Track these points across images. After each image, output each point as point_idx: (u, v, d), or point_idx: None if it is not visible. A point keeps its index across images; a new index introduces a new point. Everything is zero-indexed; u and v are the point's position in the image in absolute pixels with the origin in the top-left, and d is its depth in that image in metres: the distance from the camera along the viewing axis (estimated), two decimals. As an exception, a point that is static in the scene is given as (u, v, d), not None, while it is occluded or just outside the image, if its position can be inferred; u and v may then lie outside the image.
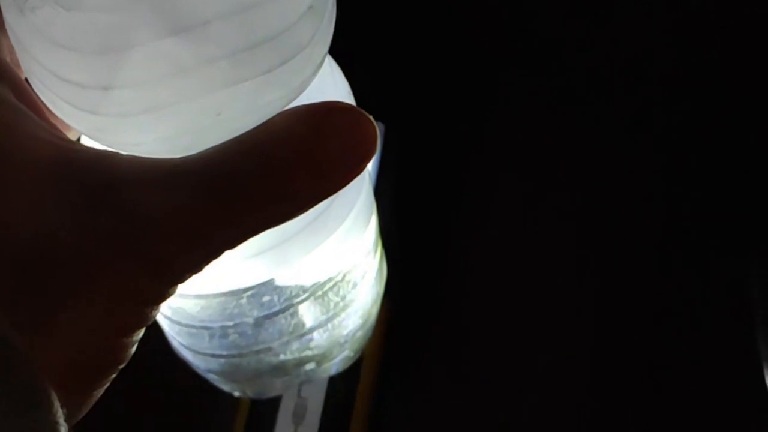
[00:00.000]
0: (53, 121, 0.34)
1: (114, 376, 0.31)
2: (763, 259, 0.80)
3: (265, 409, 0.75)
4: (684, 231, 0.84)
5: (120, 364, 0.31)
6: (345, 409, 0.76)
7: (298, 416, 0.75)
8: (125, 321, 0.30)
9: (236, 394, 0.58)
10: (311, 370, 0.53)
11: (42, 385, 0.28)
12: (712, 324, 0.81)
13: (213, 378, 0.54)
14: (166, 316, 0.47)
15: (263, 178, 0.29)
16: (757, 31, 0.89)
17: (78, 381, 0.30)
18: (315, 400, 0.75)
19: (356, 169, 0.30)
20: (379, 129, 0.77)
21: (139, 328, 0.30)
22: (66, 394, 0.29)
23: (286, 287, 0.45)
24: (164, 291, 0.30)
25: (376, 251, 0.51)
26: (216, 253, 0.30)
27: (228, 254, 0.30)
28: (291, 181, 0.29)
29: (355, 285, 0.49)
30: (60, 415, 0.28)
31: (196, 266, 0.30)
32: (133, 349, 0.31)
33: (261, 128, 0.30)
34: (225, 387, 0.56)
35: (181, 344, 0.49)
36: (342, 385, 0.76)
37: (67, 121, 0.31)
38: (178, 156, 0.29)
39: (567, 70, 0.92)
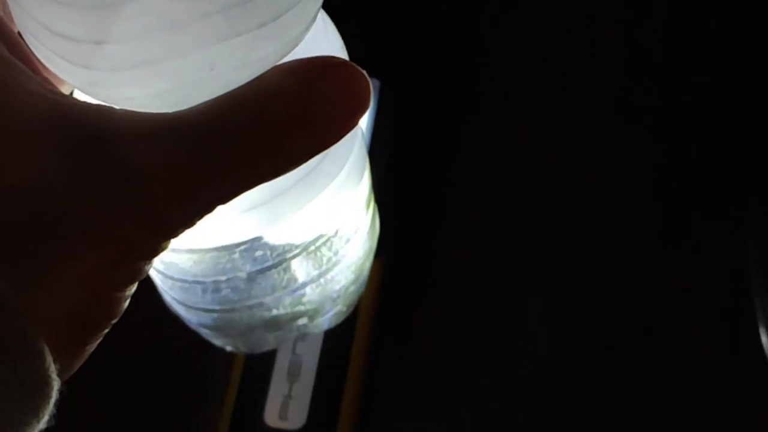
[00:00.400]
0: (46, 75, 0.34)
1: (107, 330, 0.31)
2: (760, 221, 0.80)
3: (259, 367, 0.75)
4: (680, 194, 0.84)
5: (113, 318, 0.31)
6: (340, 366, 0.76)
7: (293, 374, 0.75)
8: (118, 276, 0.30)
9: (228, 348, 0.58)
10: (304, 324, 0.53)
11: (34, 339, 0.28)
12: (708, 288, 0.81)
13: (205, 332, 0.54)
14: (158, 271, 0.47)
15: (256, 133, 0.29)
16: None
17: (71, 336, 0.30)
18: (310, 358, 0.75)
19: (349, 124, 0.30)
20: (374, 85, 0.77)
21: (132, 282, 0.31)
22: (58, 349, 0.29)
23: (279, 242, 0.45)
24: (157, 246, 0.30)
25: (368, 206, 0.51)
26: (209, 208, 0.30)
27: (220, 209, 0.30)
28: (283, 136, 0.29)
29: (347, 240, 0.49)
30: (53, 369, 0.28)
31: (188, 221, 0.30)
32: (126, 303, 0.31)
33: (254, 83, 0.30)
34: (217, 341, 0.56)
35: (174, 299, 0.49)
36: (337, 342, 0.76)
37: (60, 75, 0.31)
38: (171, 110, 0.29)
39: (566, 28, 0.92)
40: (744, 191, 0.83)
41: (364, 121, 0.82)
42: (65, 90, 0.35)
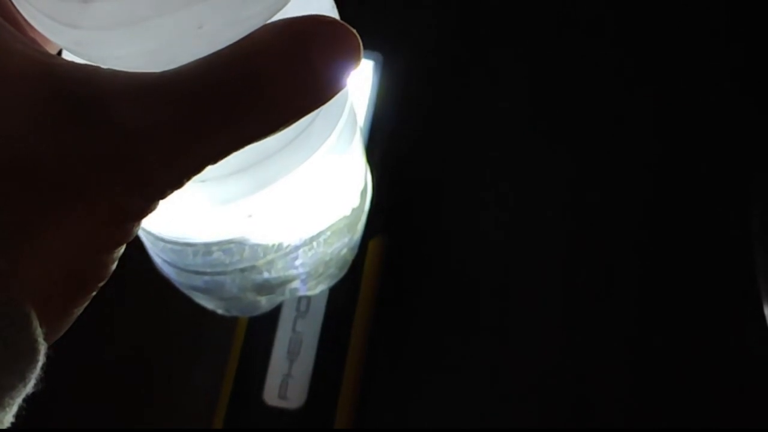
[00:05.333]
0: (33, 35, 0.33)
1: (94, 293, 0.31)
2: (763, 194, 0.80)
3: (259, 346, 0.76)
4: (685, 165, 0.84)
5: (101, 281, 0.31)
6: (340, 345, 0.76)
7: (293, 352, 0.75)
8: (106, 238, 0.30)
9: (220, 311, 0.58)
10: (296, 288, 0.53)
11: (21, 303, 0.28)
12: (712, 261, 0.81)
13: (196, 295, 0.54)
14: (149, 233, 0.46)
15: (245, 92, 0.29)
16: None
17: (58, 299, 0.30)
18: (310, 336, 0.75)
19: (339, 83, 0.30)
20: (375, 59, 0.76)
21: (120, 244, 0.30)
22: (45, 312, 0.29)
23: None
24: (146, 206, 0.30)
25: (360, 168, 0.51)
26: (197, 169, 0.30)
27: (210, 170, 0.30)
28: (272, 95, 0.29)
29: (340, 203, 0.49)
30: (39, 333, 0.28)
31: (177, 181, 0.30)
32: (114, 266, 0.31)
33: (243, 42, 0.29)
34: (209, 304, 0.56)
35: (165, 261, 0.49)
36: (337, 321, 0.76)
37: (47, 35, 0.31)
38: (159, 70, 0.29)
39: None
40: (748, 169, 0.83)
41: (366, 96, 0.82)
42: (52, 50, 0.34)
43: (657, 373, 0.78)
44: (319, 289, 0.57)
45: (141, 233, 0.47)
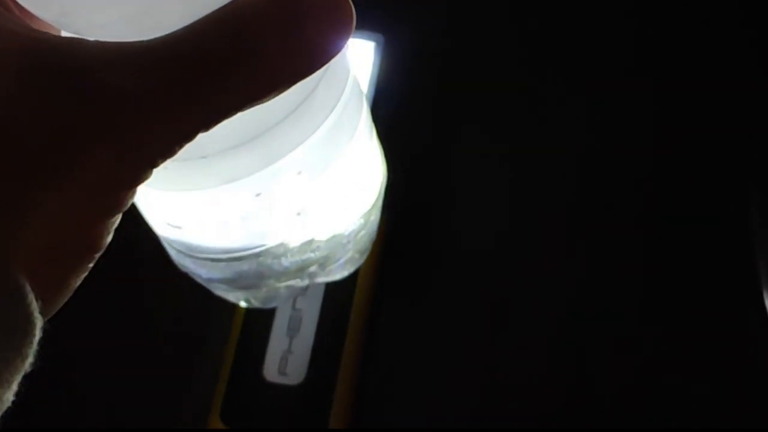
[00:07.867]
0: (19, 13, 0.33)
1: (91, 265, 0.31)
2: (763, 188, 0.80)
3: (259, 322, 0.76)
4: (685, 159, 0.84)
5: (96, 251, 0.30)
6: (340, 321, 0.76)
7: (293, 328, 0.75)
8: (99, 207, 0.29)
9: (243, 303, 0.58)
10: (315, 272, 0.53)
11: (14, 275, 0.27)
12: (712, 253, 0.80)
13: (215, 286, 0.53)
14: (166, 223, 0.46)
15: (234, 56, 0.28)
16: None
17: (53, 271, 0.30)
18: (310, 312, 0.76)
19: (332, 47, 0.30)
20: (376, 40, 0.74)
21: (114, 214, 0.30)
22: (41, 284, 0.28)
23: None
24: (138, 175, 0.29)
25: (373, 151, 0.50)
26: (189, 136, 0.29)
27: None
28: (262, 58, 0.29)
29: (353, 185, 0.49)
30: (35, 306, 0.28)
31: (168, 149, 0.29)
32: (110, 236, 0.31)
33: (232, 5, 0.29)
34: (229, 296, 0.56)
35: (179, 252, 0.49)
36: (337, 297, 0.76)
37: (31, 9, 0.30)
38: (146, 39, 0.29)
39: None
40: (748, 155, 0.82)
41: (368, 77, 0.82)
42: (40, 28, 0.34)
43: (657, 371, 0.77)
44: (340, 274, 0.56)
45: (153, 225, 0.46)
